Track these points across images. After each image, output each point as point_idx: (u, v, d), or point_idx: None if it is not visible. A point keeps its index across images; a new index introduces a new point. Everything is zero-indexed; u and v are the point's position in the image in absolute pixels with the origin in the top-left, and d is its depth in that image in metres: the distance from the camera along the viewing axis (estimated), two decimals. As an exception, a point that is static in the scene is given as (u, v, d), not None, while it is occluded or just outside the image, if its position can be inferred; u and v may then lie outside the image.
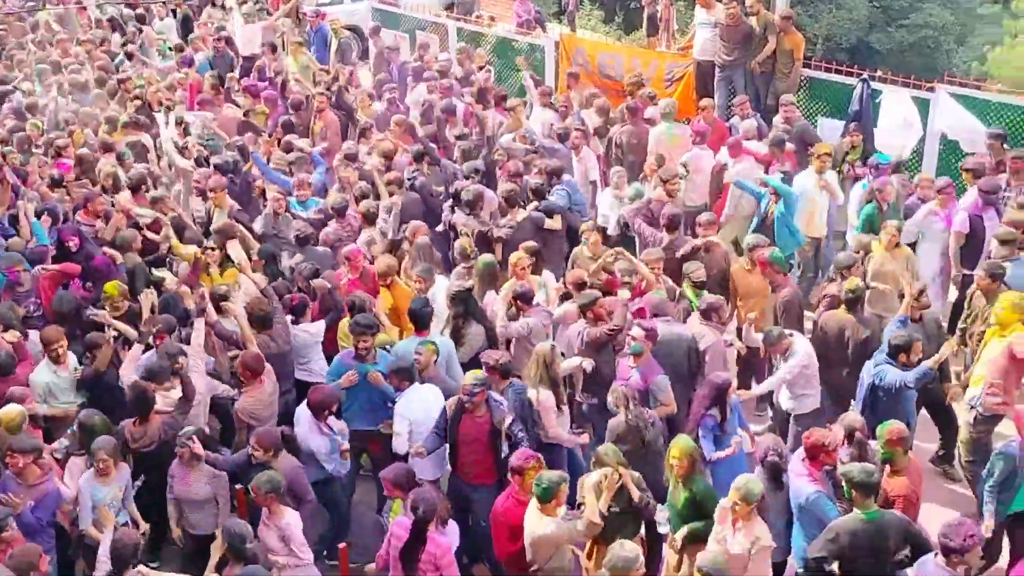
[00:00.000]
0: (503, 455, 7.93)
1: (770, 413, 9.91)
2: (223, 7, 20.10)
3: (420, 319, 8.99)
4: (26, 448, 7.52)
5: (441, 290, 9.72)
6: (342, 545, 7.79)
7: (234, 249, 9.99)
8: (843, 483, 6.98)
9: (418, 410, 8.26)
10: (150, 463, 8.16)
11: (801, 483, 7.35)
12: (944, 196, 10.71)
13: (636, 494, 7.11)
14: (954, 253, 10.63)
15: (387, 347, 8.96)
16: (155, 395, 8.15)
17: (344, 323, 9.26)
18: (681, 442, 7.41)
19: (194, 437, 7.70)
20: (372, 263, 10.27)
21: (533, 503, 7.08)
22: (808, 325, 9.77)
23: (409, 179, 11.82)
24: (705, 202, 12.18)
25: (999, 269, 9.32)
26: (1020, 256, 9.84)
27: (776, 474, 7.44)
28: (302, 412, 8.32)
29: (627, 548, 6.44)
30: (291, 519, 7.33)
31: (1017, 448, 7.62)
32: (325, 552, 8.37)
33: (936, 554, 6.46)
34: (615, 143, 13.02)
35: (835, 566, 6.94)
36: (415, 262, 10.24)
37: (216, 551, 6.95)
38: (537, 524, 7.05)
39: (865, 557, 6.71)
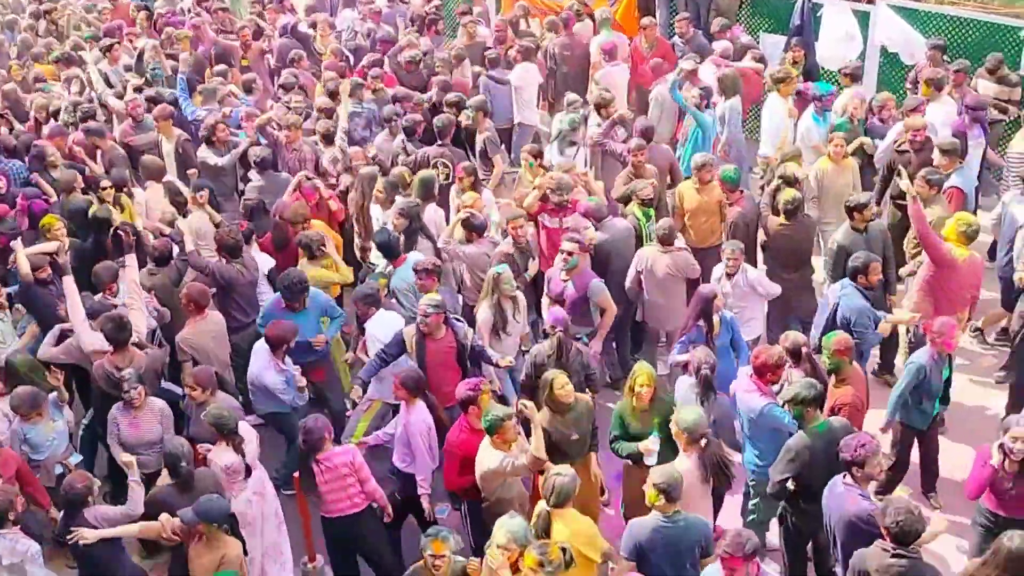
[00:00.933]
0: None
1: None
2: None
3: (389, 249, 8.95)
4: None
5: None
6: (296, 474, 7.85)
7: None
8: (791, 405, 7.06)
9: (387, 333, 8.33)
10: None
11: (751, 397, 7.44)
12: (914, 116, 10.30)
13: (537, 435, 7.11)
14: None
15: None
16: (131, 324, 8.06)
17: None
18: (646, 368, 7.45)
19: (138, 384, 7.62)
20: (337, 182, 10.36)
21: (487, 441, 7.12)
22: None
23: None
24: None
25: (935, 175, 9.32)
26: (961, 165, 9.91)
27: (708, 386, 7.50)
28: (259, 346, 8.28)
29: (563, 472, 6.50)
30: (222, 455, 7.36)
31: (927, 358, 7.71)
32: (281, 483, 8.36)
33: (844, 474, 6.50)
34: (549, 54, 13.01)
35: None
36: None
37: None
38: (484, 457, 7.09)
39: (821, 467, 6.76)
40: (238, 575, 6.32)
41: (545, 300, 9.06)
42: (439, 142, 10.82)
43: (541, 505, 6.55)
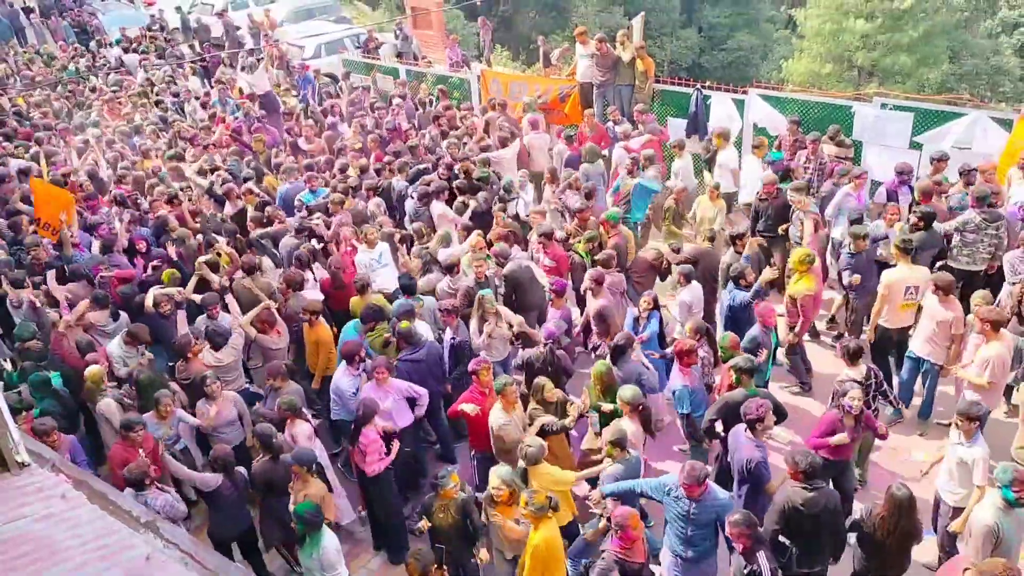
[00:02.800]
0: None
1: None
2: (230, 65, 19.68)
3: (408, 288, 8.83)
4: None
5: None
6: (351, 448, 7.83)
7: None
8: (732, 372, 7.10)
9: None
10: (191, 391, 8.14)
11: (674, 378, 7.58)
12: (859, 181, 10.01)
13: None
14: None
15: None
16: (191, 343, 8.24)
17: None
18: (599, 366, 7.48)
19: (214, 377, 7.75)
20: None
21: (498, 404, 7.20)
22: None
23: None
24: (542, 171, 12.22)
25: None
26: (815, 200, 10.06)
27: (620, 352, 7.56)
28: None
29: (532, 444, 6.52)
30: (300, 429, 7.36)
31: (758, 331, 7.81)
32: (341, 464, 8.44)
33: (746, 427, 6.53)
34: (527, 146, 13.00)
35: (719, 427, 7.11)
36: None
37: None
38: (493, 416, 7.18)
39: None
40: (318, 507, 6.27)
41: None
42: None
43: (520, 464, 6.58)
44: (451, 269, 9.13)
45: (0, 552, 3.52)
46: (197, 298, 9.07)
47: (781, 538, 6.02)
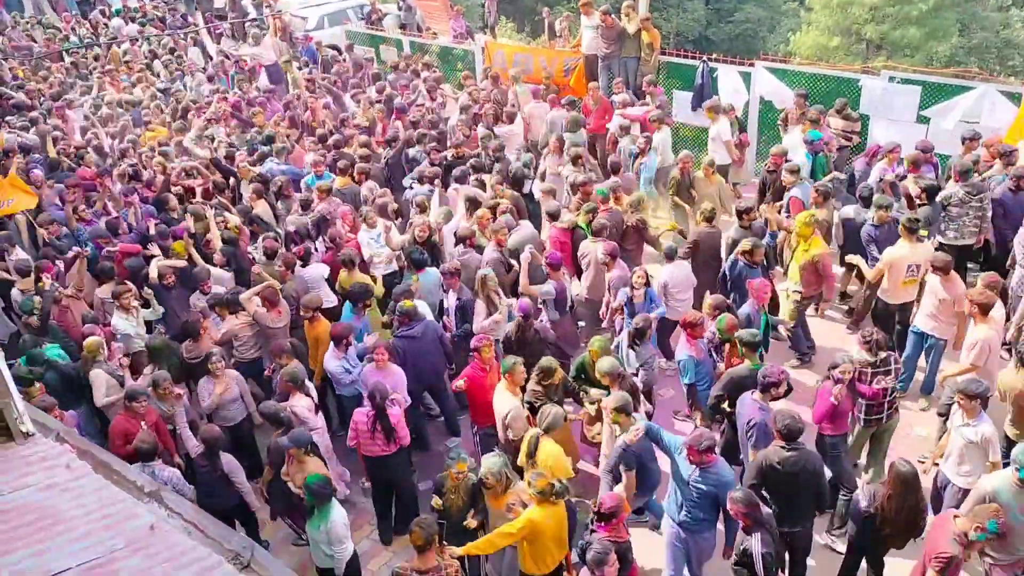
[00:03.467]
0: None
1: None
2: (232, 36, 19.54)
3: (417, 261, 8.90)
4: None
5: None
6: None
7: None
8: (738, 344, 7.17)
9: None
10: (198, 369, 8.18)
11: (680, 349, 7.60)
12: (892, 156, 9.98)
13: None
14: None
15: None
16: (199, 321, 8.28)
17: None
18: (597, 340, 7.56)
19: (220, 356, 7.78)
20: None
21: (503, 384, 7.20)
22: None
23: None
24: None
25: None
26: (803, 182, 9.91)
27: (640, 335, 7.62)
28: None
29: (555, 411, 6.62)
30: (299, 402, 7.40)
31: (750, 308, 7.84)
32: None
33: (753, 392, 6.59)
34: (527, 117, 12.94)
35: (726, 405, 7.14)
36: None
37: None
38: (499, 399, 7.19)
39: (743, 389, 6.85)
40: (328, 479, 6.33)
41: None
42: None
43: (533, 431, 6.55)
44: (464, 240, 9.17)
45: (4, 521, 3.55)
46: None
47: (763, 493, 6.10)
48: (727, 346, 7.55)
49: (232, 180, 11.65)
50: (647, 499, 7.04)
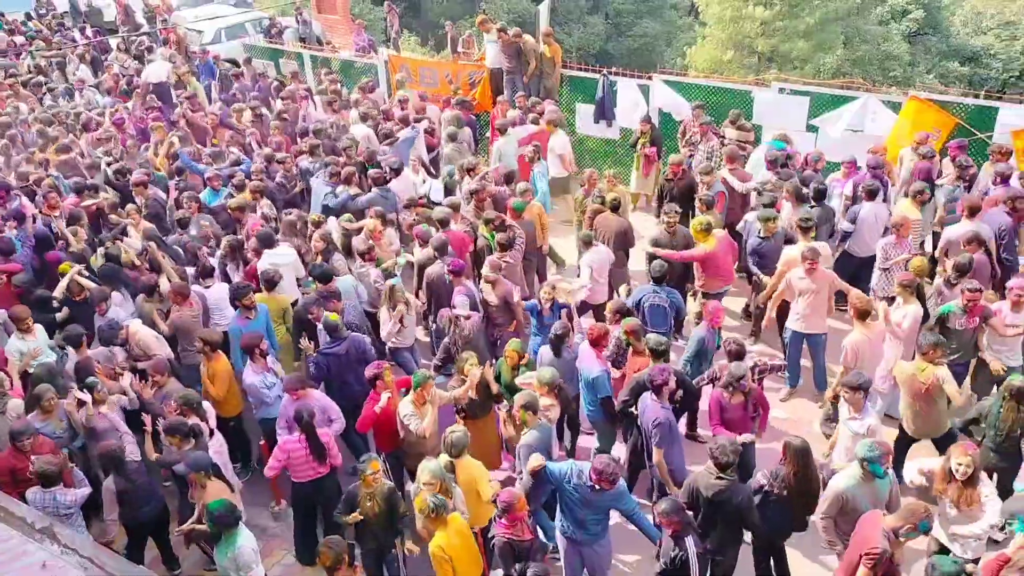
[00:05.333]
0: None
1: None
2: (126, 51, 18.89)
3: (320, 275, 8.67)
4: None
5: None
6: (262, 443, 7.83)
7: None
8: (648, 351, 7.24)
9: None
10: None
11: (591, 364, 7.46)
12: (847, 168, 10.13)
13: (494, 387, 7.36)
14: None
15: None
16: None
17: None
18: (514, 343, 7.59)
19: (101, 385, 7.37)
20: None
21: (409, 396, 7.10)
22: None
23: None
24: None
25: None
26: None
27: (559, 343, 7.59)
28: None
29: (456, 430, 6.55)
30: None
31: (704, 331, 7.82)
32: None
33: (649, 393, 6.75)
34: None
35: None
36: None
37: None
38: (402, 409, 7.07)
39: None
40: (232, 505, 6.10)
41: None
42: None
43: (444, 457, 6.43)
44: (363, 255, 9.12)
45: None
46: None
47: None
48: (630, 351, 7.64)
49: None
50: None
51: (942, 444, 7.07)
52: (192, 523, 6.57)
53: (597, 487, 5.89)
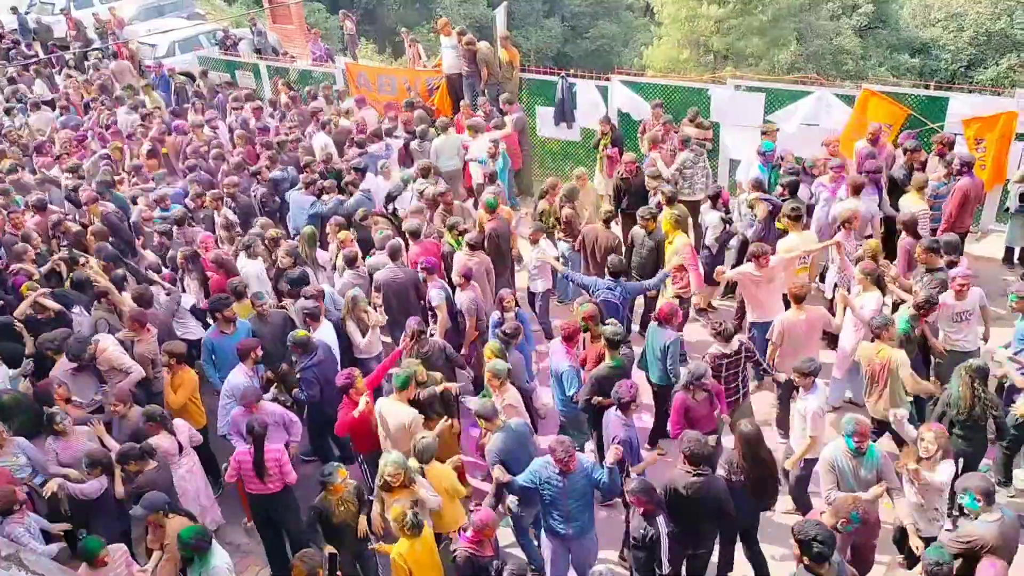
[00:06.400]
0: None
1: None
2: (77, 67, 18.62)
3: (297, 282, 8.81)
4: None
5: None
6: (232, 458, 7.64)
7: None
8: (604, 340, 7.31)
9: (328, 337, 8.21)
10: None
11: (560, 359, 7.57)
12: (835, 173, 9.79)
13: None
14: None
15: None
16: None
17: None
18: (492, 344, 7.60)
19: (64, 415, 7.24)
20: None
21: (392, 396, 7.12)
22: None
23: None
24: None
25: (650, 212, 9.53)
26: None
27: (512, 338, 7.72)
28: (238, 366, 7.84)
29: (425, 435, 6.59)
30: (162, 440, 7.10)
31: (670, 336, 7.69)
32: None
33: (615, 409, 6.71)
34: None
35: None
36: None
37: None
38: (395, 410, 7.07)
39: (609, 386, 6.95)
40: (202, 529, 6.03)
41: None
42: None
43: (413, 463, 6.45)
44: (352, 263, 9.11)
45: None
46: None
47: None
48: (587, 340, 7.72)
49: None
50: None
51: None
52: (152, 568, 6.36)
53: (562, 471, 6.02)
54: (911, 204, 9.25)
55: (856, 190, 9.27)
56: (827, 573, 5.22)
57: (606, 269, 8.67)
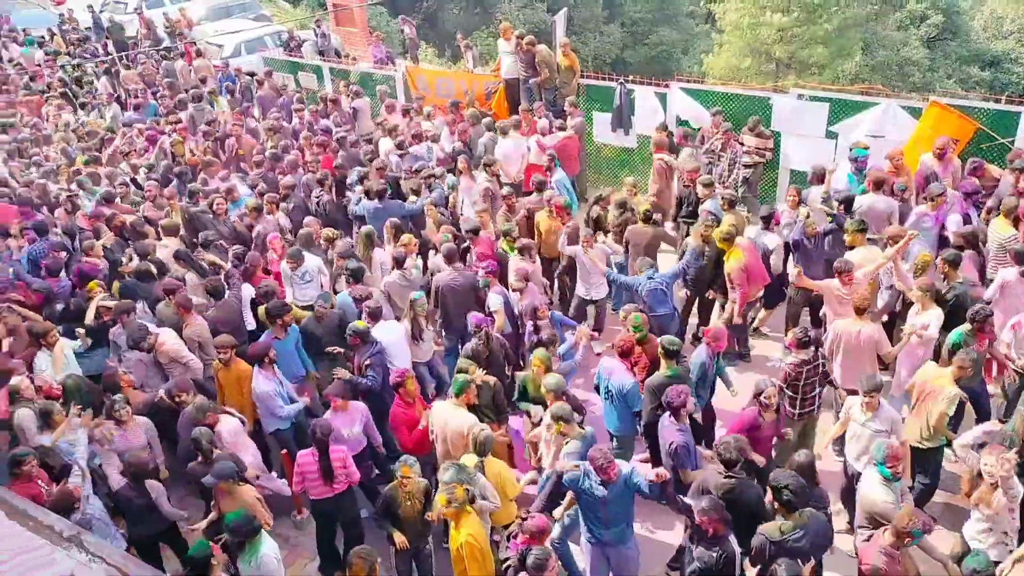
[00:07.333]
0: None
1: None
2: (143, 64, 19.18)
3: (356, 273, 8.90)
4: None
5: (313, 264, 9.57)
6: (284, 451, 7.79)
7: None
8: (660, 350, 7.26)
9: (390, 336, 8.21)
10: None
11: (623, 376, 7.39)
12: (938, 200, 9.20)
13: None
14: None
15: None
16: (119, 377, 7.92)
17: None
18: (540, 353, 7.50)
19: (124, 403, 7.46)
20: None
21: (449, 400, 7.13)
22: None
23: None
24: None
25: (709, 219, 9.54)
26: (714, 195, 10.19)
27: (550, 343, 7.68)
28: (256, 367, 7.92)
29: (483, 428, 6.63)
30: (225, 424, 7.24)
31: (705, 356, 7.58)
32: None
33: (668, 413, 6.69)
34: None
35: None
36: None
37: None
38: (455, 416, 7.01)
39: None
40: (249, 515, 6.10)
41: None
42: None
43: (471, 458, 6.46)
44: (400, 263, 9.13)
45: (-88, 576, 3.37)
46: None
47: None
48: (637, 349, 7.66)
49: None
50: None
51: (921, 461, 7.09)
52: (204, 525, 6.64)
53: (603, 481, 5.98)
54: (999, 230, 8.86)
55: (877, 185, 9.29)
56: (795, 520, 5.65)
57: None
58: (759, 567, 5.57)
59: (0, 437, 7.72)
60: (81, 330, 8.74)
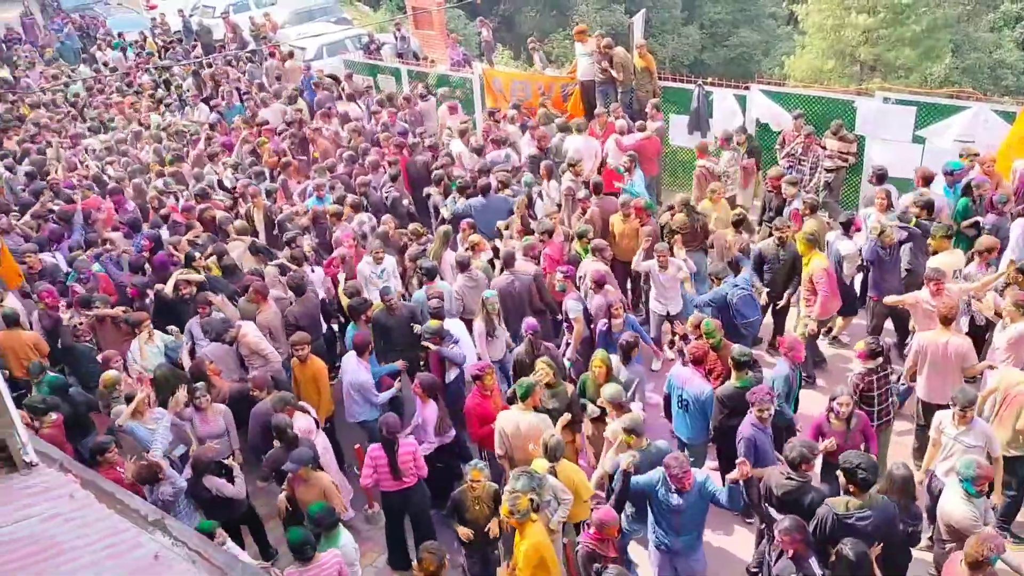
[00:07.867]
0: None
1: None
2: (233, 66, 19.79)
3: (430, 272, 9.01)
4: None
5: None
6: (357, 447, 7.90)
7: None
8: (731, 360, 7.14)
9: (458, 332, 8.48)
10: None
11: (700, 384, 7.31)
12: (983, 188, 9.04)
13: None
14: None
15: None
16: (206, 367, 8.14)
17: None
18: (601, 354, 7.44)
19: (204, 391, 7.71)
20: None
21: (515, 407, 7.08)
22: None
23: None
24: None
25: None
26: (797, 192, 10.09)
27: (628, 351, 7.58)
28: (349, 355, 8.17)
29: (554, 434, 6.55)
30: (298, 421, 7.39)
31: (788, 369, 7.34)
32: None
33: (750, 413, 6.56)
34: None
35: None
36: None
37: None
38: (520, 417, 7.03)
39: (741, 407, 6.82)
40: (330, 507, 6.27)
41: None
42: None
43: (542, 463, 6.45)
44: (464, 267, 9.19)
45: (7, 552, 3.54)
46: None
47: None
48: (710, 356, 7.55)
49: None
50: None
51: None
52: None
53: (678, 489, 5.93)
54: None
55: (927, 181, 9.22)
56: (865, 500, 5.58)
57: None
58: (820, 541, 5.49)
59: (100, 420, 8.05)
60: (174, 327, 9.03)
